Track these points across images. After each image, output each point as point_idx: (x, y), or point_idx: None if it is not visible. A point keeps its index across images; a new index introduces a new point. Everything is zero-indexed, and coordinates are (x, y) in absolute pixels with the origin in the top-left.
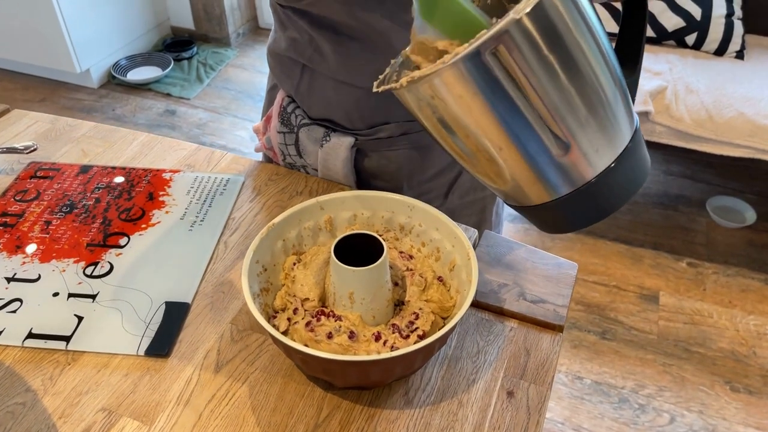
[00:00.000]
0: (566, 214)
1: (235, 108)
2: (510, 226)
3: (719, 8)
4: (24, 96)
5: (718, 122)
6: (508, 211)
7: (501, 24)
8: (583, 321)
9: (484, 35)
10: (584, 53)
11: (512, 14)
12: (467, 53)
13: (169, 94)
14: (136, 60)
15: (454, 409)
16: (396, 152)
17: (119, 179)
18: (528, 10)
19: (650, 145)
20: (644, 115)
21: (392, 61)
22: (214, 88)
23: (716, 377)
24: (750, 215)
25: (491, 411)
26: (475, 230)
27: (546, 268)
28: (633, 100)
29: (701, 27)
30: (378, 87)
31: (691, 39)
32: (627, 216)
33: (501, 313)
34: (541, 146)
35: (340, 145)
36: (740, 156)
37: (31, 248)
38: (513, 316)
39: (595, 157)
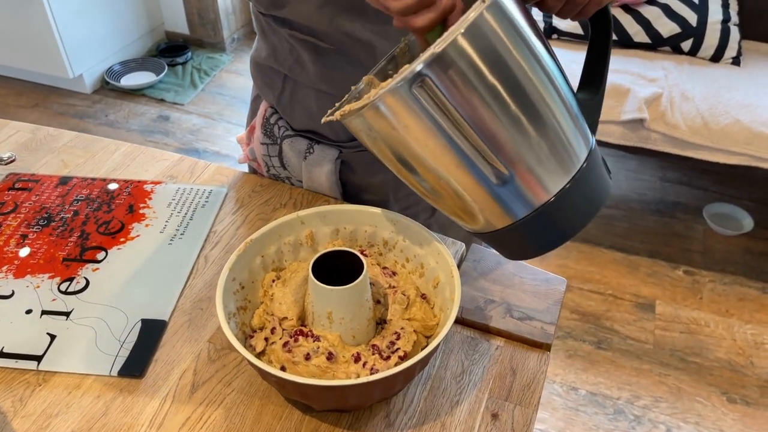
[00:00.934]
0: (527, 237)
1: (229, 114)
2: None
3: (715, 14)
4: (17, 102)
5: (714, 129)
6: None
7: (423, 57)
8: (578, 330)
9: (406, 70)
10: (518, 81)
11: (431, 49)
12: (392, 87)
13: (162, 100)
14: (130, 65)
15: None
16: (382, 165)
17: (111, 186)
18: (443, 47)
19: (646, 152)
20: (639, 122)
21: (352, 88)
22: (209, 93)
23: (713, 388)
24: (747, 222)
25: None
26: (463, 244)
27: (534, 284)
28: (597, 120)
29: (697, 33)
30: (326, 117)
31: (687, 45)
32: (623, 223)
33: (487, 330)
34: (483, 174)
35: (324, 158)
36: (737, 163)
37: (24, 250)
38: (499, 333)
39: (548, 179)
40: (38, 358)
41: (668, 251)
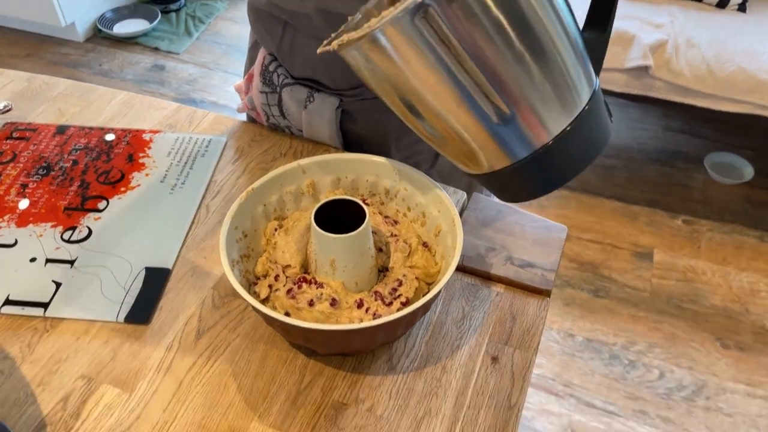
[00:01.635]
0: (525, 179)
1: (225, 63)
2: None
3: None
4: (9, 51)
5: (719, 77)
6: None
7: None
8: (577, 279)
9: (408, 0)
10: (523, 14)
11: None
12: (394, 16)
13: (157, 49)
14: (122, 12)
15: (438, 374)
16: (383, 114)
17: (109, 137)
18: None
19: (649, 100)
20: (644, 69)
21: (349, 18)
22: (204, 42)
23: (707, 334)
24: (748, 171)
25: (475, 377)
26: (464, 193)
27: (535, 232)
28: (602, 60)
29: None
30: (322, 47)
31: None
32: (623, 173)
33: (488, 277)
34: (484, 112)
35: (325, 107)
36: (740, 112)
37: (24, 200)
38: (500, 280)
39: (549, 120)
40: (45, 305)
41: (668, 201)
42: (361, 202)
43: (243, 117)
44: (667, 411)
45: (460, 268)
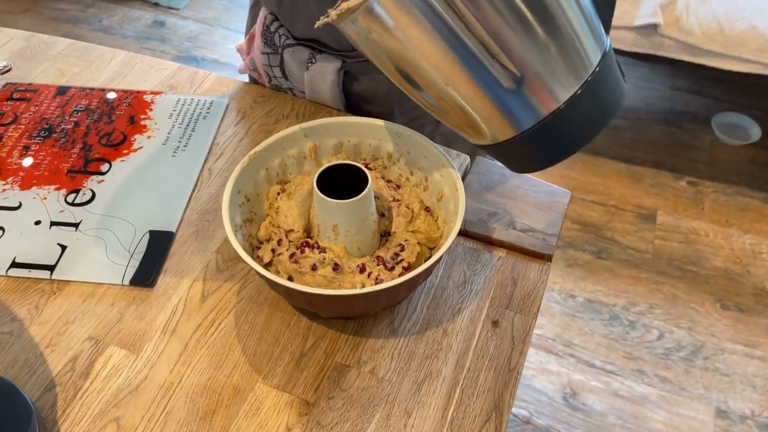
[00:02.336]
0: (535, 149)
1: (226, 19)
2: None
3: None
4: (6, 7)
5: (729, 35)
6: None
7: None
8: (579, 240)
9: None
10: None
11: None
12: None
13: (157, 4)
14: None
15: (439, 338)
16: (385, 76)
17: (110, 95)
18: None
19: (658, 59)
20: (653, 27)
21: None
22: None
23: (707, 295)
24: (755, 132)
25: (476, 340)
26: (467, 156)
27: (537, 196)
28: (610, 19)
29: None
30: (321, 20)
31: None
32: (629, 133)
33: (489, 242)
34: (491, 77)
35: (327, 68)
36: (749, 72)
37: (27, 161)
38: (501, 245)
39: (557, 85)
40: (51, 268)
41: (673, 162)
42: (363, 167)
43: (245, 78)
44: (665, 371)
45: (462, 233)
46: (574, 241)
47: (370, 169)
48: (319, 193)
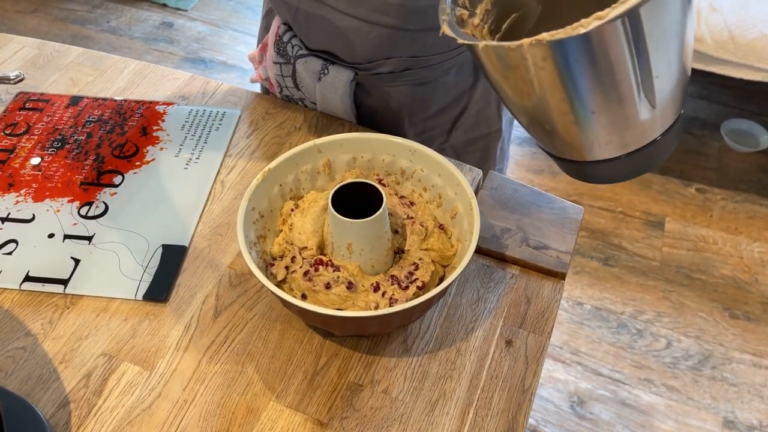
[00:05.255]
0: (622, 168)
1: (235, 21)
2: (516, 149)
3: None
4: (15, 7)
5: (740, 44)
6: (515, 134)
7: None
8: (587, 247)
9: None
10: (687, 20)
11: None
12: (624, 11)
13: (165, 5)
14: None
15: (452, 357)
16: (398, 88)
17: (123, 107)
18: None
19: None
20: None
21: (444, 12)
22: None
23: (716, 304)
24: (764, 139)
25: (489, 360)
26: (480, 171)
27: (551, 213)
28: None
29: None
30: (456, 37)
31: None
32: None
33: (503, 259)
34: (635, 108)
35: (339, 80)
36: (759, 80)
37: (35, 160)
38: (515, 262)
39: (670, 116)
40: (65, 282)
41: (682, 168)
42: (378, 185)
43: (256, 87)
44: (673, 380)
45: (476, 249)
46: (581, 248)
47: (383, 184)
48: (334, 213)
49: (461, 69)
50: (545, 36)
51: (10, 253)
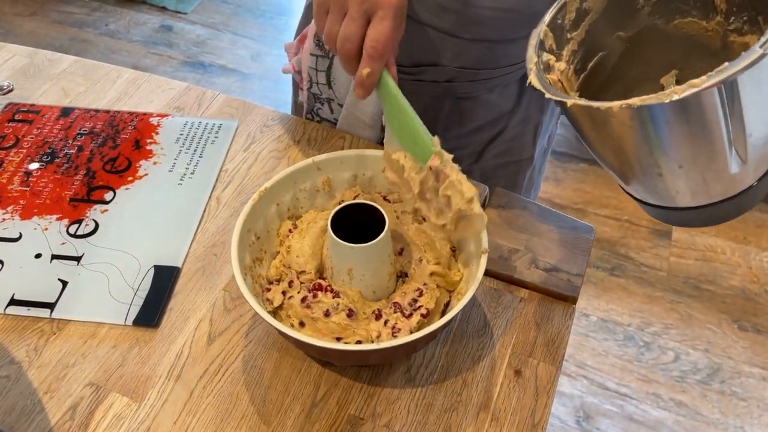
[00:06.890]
0: (710, 215)
1: (234, 24)
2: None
3: None
4: (13, 9)
5: None
6: None
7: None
8: (593, 257)
9: (742, 60)
10: None
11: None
12: (720, 81)
13: (164, 8)
14: None
15: (458, 388)
16: (436, 100)
17: (116, 118)
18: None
19: None
20: None
21: (532, 44)
22: (212, 1)
23: (724, 315)
24: None
25: (497, 391)
26: (486, 187)
27: (561, 232)
28: None
29: None
30: (545, 91)
31: None
32: None
33: (511, 281)
34: (725, 163)
35: None
36: None
37: (23, 175)
38: (524, 285)
39: (759, 169)
40: (51, 306)
41: None
42: (380, 208)
43: (253, 98)
44: (681, 394)
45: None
46: None
47: (388, 200)
48: (334, 237)
49: (505, 89)
50: (636, 101)
51: None
